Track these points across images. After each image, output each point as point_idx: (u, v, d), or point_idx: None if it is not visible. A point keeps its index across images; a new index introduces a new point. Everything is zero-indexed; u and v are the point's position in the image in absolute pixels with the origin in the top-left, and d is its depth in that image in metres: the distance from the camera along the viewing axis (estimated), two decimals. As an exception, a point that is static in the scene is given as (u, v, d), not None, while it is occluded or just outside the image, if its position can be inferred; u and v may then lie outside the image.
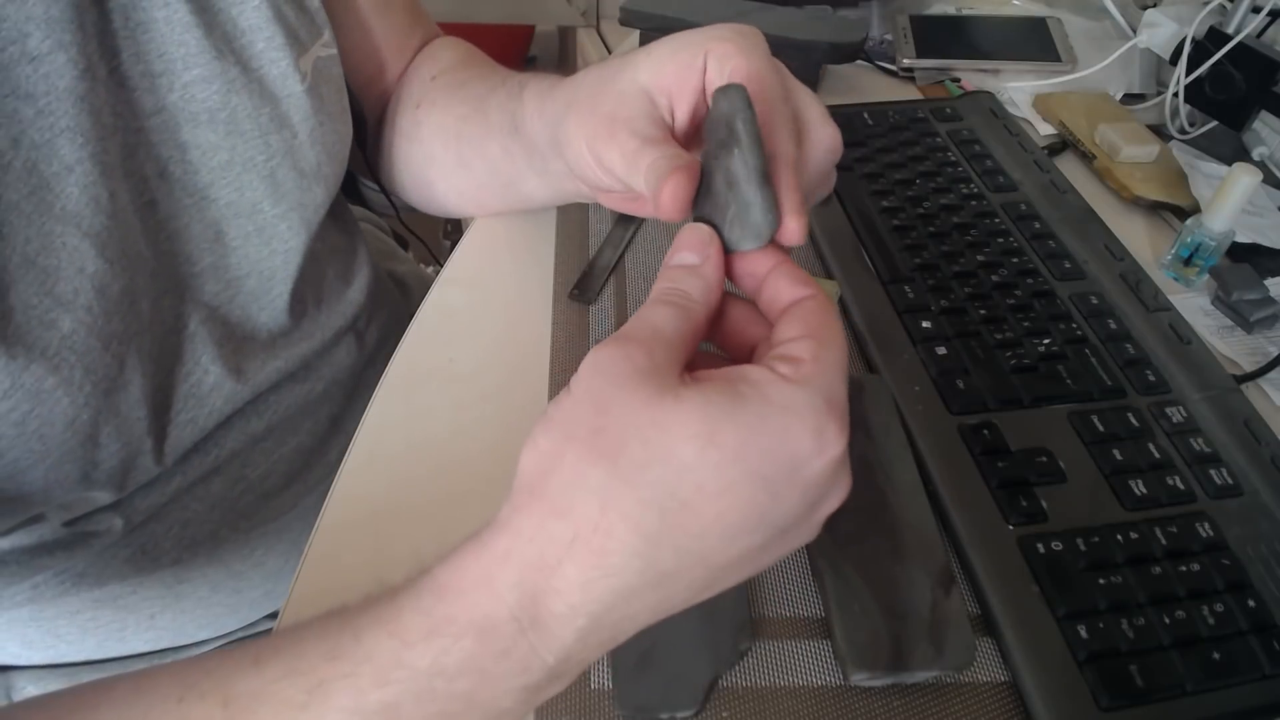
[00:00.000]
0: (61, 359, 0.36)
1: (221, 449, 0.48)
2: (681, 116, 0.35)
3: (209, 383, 0.45)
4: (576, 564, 0.23)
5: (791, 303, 0.28)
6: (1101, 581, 0.37)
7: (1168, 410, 0.45)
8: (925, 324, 0.49)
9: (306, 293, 0.51)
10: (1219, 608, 0.36)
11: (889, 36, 0.81)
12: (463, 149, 0.52)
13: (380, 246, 0.78)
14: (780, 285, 0.28)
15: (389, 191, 0.61)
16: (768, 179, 0.29)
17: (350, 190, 0.62)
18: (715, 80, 0.34)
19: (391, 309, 0.63)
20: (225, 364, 0.45)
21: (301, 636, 0.25)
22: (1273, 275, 0.56)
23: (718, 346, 0.31)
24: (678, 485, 0.23)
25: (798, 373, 0.25)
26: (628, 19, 0.75)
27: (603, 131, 0.35)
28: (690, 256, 0.29)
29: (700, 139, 0.34)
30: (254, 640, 0.26)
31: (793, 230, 0.29)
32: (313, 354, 0.52)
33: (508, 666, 0.24)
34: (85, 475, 0.39)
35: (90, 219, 0.37)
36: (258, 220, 0.45)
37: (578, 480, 0.23)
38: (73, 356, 0.36)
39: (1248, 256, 0.57)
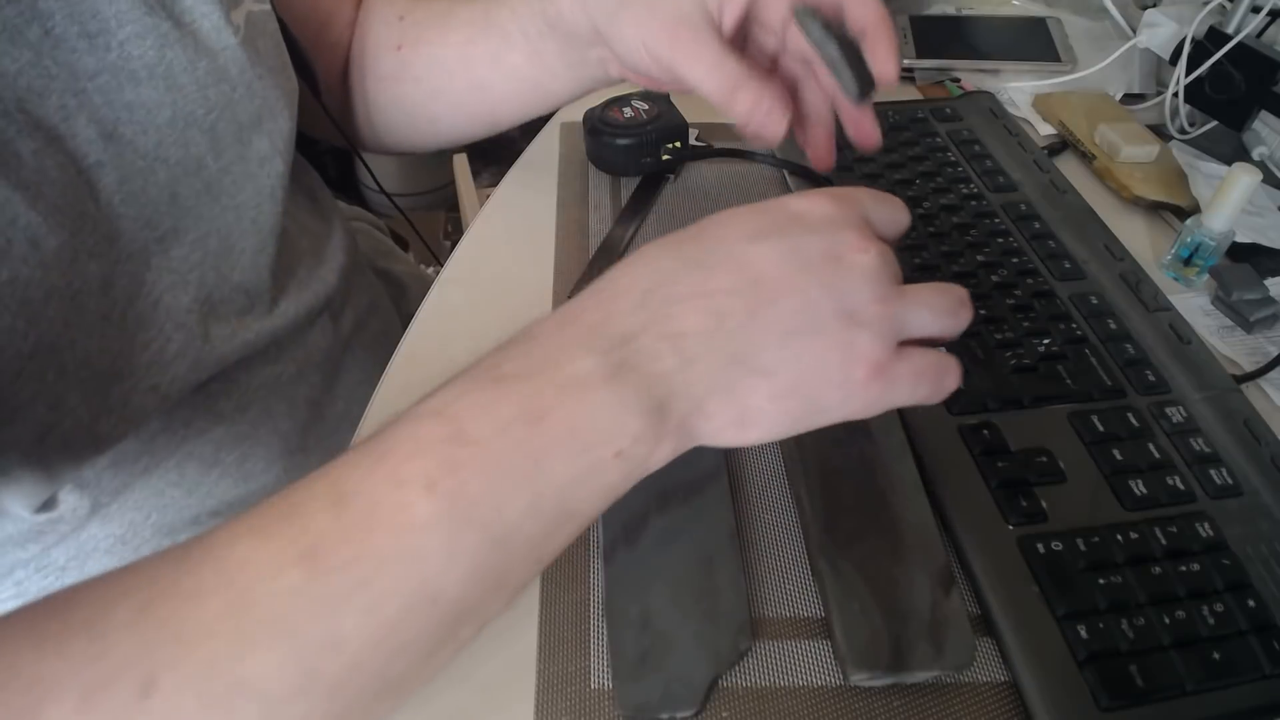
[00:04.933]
0: (3, 306, 0.36)
1: (189, 429, 0.48)
2: (729, 22, 0.42)
3: (172, 350, 0.44)
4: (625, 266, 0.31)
5: None
6: (1101, 581, 0.37)
7: (1168, 410, 0.45)
8: (925, 324, 0.49)
9: (276, 258, 0.50)
10: (1219, 608, 0.36)
11: (889, 36, 0.81)
12: (474, 71, 0.53)
13: (379, 246, 0.77)
14: None
15: (374, 171, 0.61)
16: (855, 55, 0.40)
17: (349, 188, 0.62)
18: None
19: (372, 296, 0.62)
20: (191, 330, 0.45)
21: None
22: (1273, 275, 0.56)
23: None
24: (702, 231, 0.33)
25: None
26: (628, 19, 0.75)
27: (664, 36, 0.42)
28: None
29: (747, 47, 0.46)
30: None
31: (887, 73, 0.40)
32: (283, 333, 0.51)
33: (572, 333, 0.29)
34: (40, 438, 0.39)
35: (16, 172, 0.37)
36: (204, 176, 0.45)
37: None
38: (14, 305, 0.36)
39: (1248, 256, 0.57)
